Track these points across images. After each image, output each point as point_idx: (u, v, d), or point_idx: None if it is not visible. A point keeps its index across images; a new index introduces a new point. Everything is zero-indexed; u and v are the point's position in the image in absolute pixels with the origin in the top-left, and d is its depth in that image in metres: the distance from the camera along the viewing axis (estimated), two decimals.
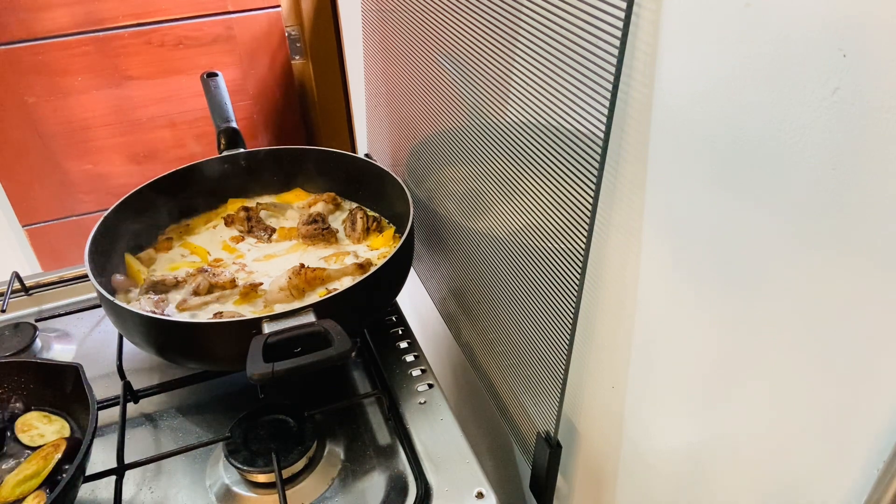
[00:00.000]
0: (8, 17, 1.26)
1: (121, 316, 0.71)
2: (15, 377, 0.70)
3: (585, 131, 0.47)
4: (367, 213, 0.94)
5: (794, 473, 0.41)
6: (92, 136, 1.42)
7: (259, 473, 0.66)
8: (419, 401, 0.78)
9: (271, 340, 0.62)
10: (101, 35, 1.34)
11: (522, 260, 0.61)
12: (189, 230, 0.95)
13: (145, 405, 0.78)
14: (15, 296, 0.95)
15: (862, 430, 0.35)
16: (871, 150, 0.30)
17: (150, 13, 1.35)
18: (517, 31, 0.53)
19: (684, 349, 0.47)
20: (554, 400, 0.61)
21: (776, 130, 0.35)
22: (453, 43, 0.66)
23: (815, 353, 0.37)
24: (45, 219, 1.48)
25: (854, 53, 0.30)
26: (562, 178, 0.51)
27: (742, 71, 0.36)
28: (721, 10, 0.36)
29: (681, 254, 0.45)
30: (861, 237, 0.32)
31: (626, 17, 0.40)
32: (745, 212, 0.39)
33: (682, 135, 0.41)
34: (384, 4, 0.85)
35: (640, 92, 0.43)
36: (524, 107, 0.55)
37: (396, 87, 0.89)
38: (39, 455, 0.64)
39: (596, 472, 0.66)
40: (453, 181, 0.78)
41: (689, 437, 0.50)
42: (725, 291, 0.42)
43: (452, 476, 0.69)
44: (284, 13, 1.42)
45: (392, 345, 0.87)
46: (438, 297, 0.95)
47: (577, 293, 0.53)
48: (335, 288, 0.80)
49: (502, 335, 0.72)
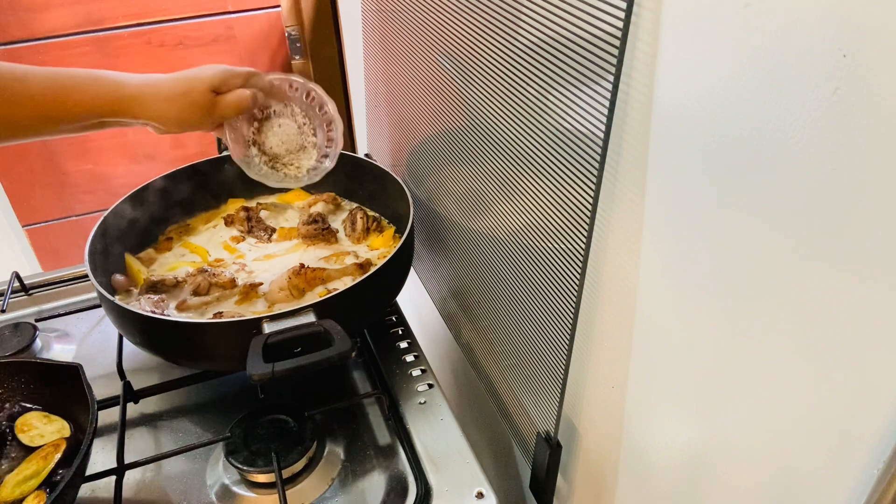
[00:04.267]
0: (8, 17, 1.26)
1: (121, 316, 0.71)
2: (15, 377, 0.70)
3: (585, 131, 0.47)
4: (367, 213, 0.94)
5: (794, 473, 0.41)
6: (92, 136, 1.41)
7: (259, 473, 0.66)
8: (419, 401, 0.78)
9: (271, 340, 0.62)
10: (101, 35, 1.34)
11: (522, 260, 0.61)
12: (189, 230, 0.95)
13: (145, 405, 0.78)
14: (15, 296, 0.95)
15: (862, 430, 0.35)
16: (871, 151, 0.30)
17: (150, 13, 1.35)
18: (517, 32, 0.53)
19: (684, 349, 0.47)
20: (554, 400, 0.61)
21: (776, 130, 0.35)
22: (453, 43, 0.66)
23: (815, 352, 0.37)
24: (45, 219, 1.48)
25: (854, 53, 0.30)
26: (562, 178, 0.51)
27: (742, 71, 0.36)
28: (721, 10, 0.36)
29: (681, 253, 0.45)
30: (861, 237, 0.32)
31: (626, 17, 0.40)
32: (744, 212, 0.39)
33: (682, 135, 0.41)
34: (384, 4, 0.85)
35: (640, 92, 0.43)
36: (524, 107, 0.55)
37: (396, 87, 0.89)
38: (39, 455, 0.64)
39: (596, 472, 0.66)
40: (453, 181, 0.78)
41: (688, 437, 0.50)
42: (725, 291, 0.42)
43: (452, 476, 0.69)
44: (284, 13, 1.42)
45: (392, 345, 0.87)
46: (438, 297, 0.95)
47: (577, 293, 0.53)
48: (335, 288, 0.80)
49: (502, 335, 0.72)
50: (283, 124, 0.77)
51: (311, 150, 0.79)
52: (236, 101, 0.71)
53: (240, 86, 0.72)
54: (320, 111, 0.78)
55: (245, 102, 0.71)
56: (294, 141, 0.78)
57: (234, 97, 0.70)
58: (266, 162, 0.79)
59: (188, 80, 0.68)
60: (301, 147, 0.78)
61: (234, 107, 0.71)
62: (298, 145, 0.78)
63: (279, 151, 0.78)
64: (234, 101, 0.70)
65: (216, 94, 0.70)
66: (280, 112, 0.77)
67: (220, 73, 0.70)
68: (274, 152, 0.78)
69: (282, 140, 0.77)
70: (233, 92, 0.71)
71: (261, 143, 0.77)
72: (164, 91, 0.67)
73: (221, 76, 0.70)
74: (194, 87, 0.68)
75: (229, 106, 0.70)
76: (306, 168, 0.80)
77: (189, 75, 0.68)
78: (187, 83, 0.68)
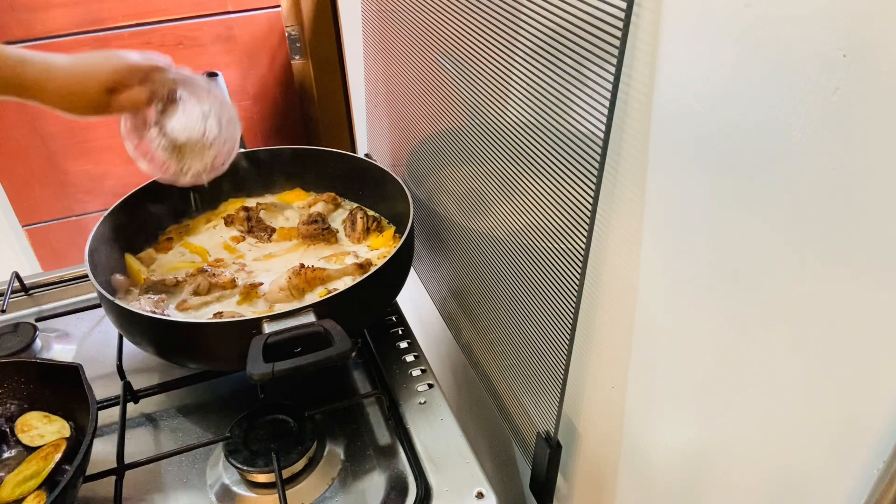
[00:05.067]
0: (8, 17, 1.26)
1: (121, 316, 0.71)
2: (15, 377, 0.70)
3: (585, 131, 0.47)
4: (367, 213, 0.94)
5: (794, 474, 0.41)
6: (92, 136, 1.42)
7: (259, 473, 0.66)
8: (419, 401, 0.78)
9: (271, 340, 0.62)
10: (101, 35, 1.34)
11: (522, 260, 0.61)
12: (189, 230, 0.95)
13: (145, 405, 0.78)
14: (15, 296, 0.95)
15: (862, 430, 0.35)
16: (872, 151, 0.30)
17: (150, 13, 1.35)
18: (517, 31, 0.53)
19: (684, 349, 0.47)
20: (554, 400, 0.61)
21: (776, 130, 0.35)
22: (453, 43, 0.66)
23: (815, 352, 0.37)
24: (45, 219, 1.48)
25: (854, 53, 0.30)
26: (562, 178, 0.51)
27: (742, 71, 0.36)
28: (721, 10, 0.36)
29: (681, 253, 0.45)
30: (861, 237, 0.32)
31: (626, 17, 0.40)
32: (745, 211, 0.39)
33: (681, 135, 0.41)
34: (384, 4, 0.85)
35: (640, 92, 0.43)
36: (524, 107, 0.55)
37: (396, 87, 0.89)
38: (39, 455, 0.64)
39: (596, 472, 0.66)
40: (453, 181, 0.78)
41: (688, 437, 0.50)
42: (726, 291, 0.42)
43: (452, 476, 0.69)
44: (284, 13, 1.42)
45: (392, 345, 0.87)
46: (438, 297, 0.95)
47: (577, 293, 0.53)
48: (335, 288, 0.80)
49: (502, 335, 0.72)
50: (187, 109, 0.75)
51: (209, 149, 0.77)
52: (129, 102, 0.70)
53: (138, 83, 0.70)
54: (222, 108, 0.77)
55: (139, 103, 0.70)
56: (196, 128, 0.75)
57: (126, 99, 0.69)
58: (164, 148, 0.76)
59: (83, 76, 0.66)
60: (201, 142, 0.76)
61: (128, 105, 0.70)
62: (200, 133, 0.76)
63: (179, 137, 0.75)
64: (128, 101, 0.69)
65: (110, 93, 0.68)
66: (186, 98, 0.75)
67: (116, 71, 0.68)
68: (174, 137, 0.75)
69: (183, 125, 0.75)
70: (126, 93, 0.69)
71: (162, 125, 0.75)
72: (60, 83, 0.65)
73: (117, 76, 0.68)
74: (88, 87, 0.66)
75: (122, 104, 0.69)
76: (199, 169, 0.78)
77: (85, 70, 0.67)
78: (82, 79, 0.66)
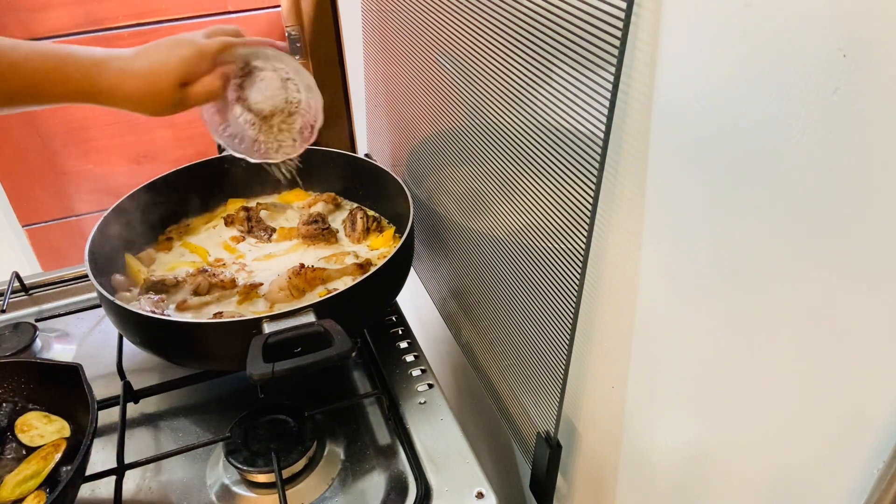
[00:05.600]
0: (8, 17, 1.26)
1: (121, 316, 0.71)
2: (15, 377, 0.70)
3: (585, 131, 0.47)
4: (367, 213, 0.94)
5: (794, 473, 0.41)
6: (92, 136, 1.42)
7: (259, 473, 0.66)
8: (419, 401, 0.78)
9: (271, 340, 0.62)
10: (101, 35, 1.34)
11: (522, 260, 0.61)
12: (189, 230, 0.95)
13: (145, 405, 0.78)
14: (15, 296, 0.95)
15: (862, 430, 0.35)
16: (872, 151, 0.30)
17: (150, 13, 1.35)
18: (517, 31, 0.53)
19: (684, 349, 0.47)
20: (554, 400, 0.61)
21: (776, 130, 0.35)
22: (453, 43, 0.66)
23: (815, 352, 0.37)
24: (45, 219, 1.48)
25: (854, 53, 0.30)
26: (562, 178, 0.51)
27: (742, 71, 0.36)
28: (721, 10, 0.36)
29: (681, 253, 0.45)
30: (862, 237, 0.32)
31: (626, 17, 0.40)
32: (745, 211, 0.39)
33: (682, 134, 0.41)
34: (384, 4, 0.85)
35: (640, 92, 0.43)
36: (524, 107, 0.55)
37: (396, 87, 0.89)
38: (39, 455, 0.64)
39: (596, 472, 0.66)
40: (453, 181, 0.78)
41: (689, 436, 0.50)
42: (726, 291, 0.42)
43: (452, 476, 0.69)
44: (284, 13, 1.42)
45: (392, 345, 0.87)
46: (438, 297, 0.95)
47: (577, 293, 0.53)
48: (335, 288, 0.80)
49: (502, 335, 0.72)
50: (265, 78, 0.74)
51: (296, 116, 0.76)
52: (205, 94, 0.68)
53: (209, 68, 0.68)
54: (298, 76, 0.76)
55: (215, 93, 0.69)
56: (279, 96, 0.75)
57: (201, 90, 0.68)
58: (252, 123, 0.75)
59: (154, 75, 0.65)
60: (287, 109, 0.76)
61: (204, 98, 0.69)
62: (283, 101, 0.75)
63: (264, 108, 0.74)
64: (203, 93, 0.68)
65: (184, 86, 0.67)
66: (262, 66, 0.74)
67: (184, 61, 0.66)
68: (259, 109, 0.74)
69: (265, 95, 0.74)
70: (200, 82, 0.68)
71: (244, 100, 0.74)
72: (134, 85, 0.65)
73: (188, 66, 0.66)
74: (161, 87, 0.65)
75: (198, 98, 0.68)
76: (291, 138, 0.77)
77: (154, 67, 0.65)
78: (154, 79, 0.65)
